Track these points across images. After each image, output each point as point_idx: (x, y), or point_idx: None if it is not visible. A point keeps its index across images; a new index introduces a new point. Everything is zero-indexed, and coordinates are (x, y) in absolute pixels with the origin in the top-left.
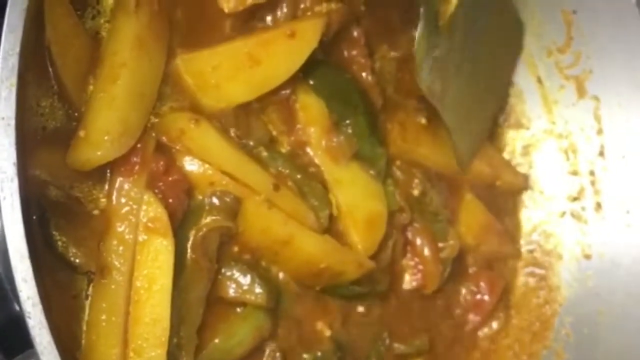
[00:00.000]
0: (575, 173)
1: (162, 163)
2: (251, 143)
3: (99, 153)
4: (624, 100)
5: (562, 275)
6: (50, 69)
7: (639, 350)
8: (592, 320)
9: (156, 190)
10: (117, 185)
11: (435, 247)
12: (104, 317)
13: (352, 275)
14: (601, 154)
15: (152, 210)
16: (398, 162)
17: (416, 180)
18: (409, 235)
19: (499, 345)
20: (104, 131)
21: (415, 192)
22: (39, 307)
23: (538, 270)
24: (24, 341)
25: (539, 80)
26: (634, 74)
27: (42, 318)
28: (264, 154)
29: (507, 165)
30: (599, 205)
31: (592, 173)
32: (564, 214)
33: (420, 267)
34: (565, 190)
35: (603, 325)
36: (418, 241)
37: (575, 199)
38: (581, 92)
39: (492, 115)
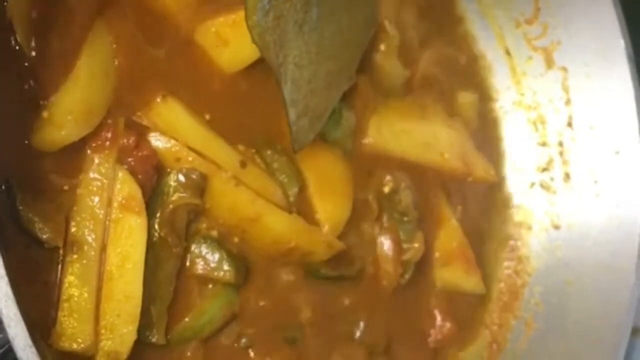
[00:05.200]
0: (544, 144)
1: (133, 139)
2: None
3: (63, 133)
4: (591, 71)
5: (532, 246)
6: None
7: (607, 319)
8: (561, 290)
9: (125, 166)
10: (87, 160)
11: (398, 247)
12: (76, 292)
13: (321, 256)
14: (569, 124)
15: (127, 187)
16: None
17: (388, 177)
18: (377, 230)
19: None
20: (67, 111)
21: (386, 190)
22: (5, 279)
23: (507, 242)
24: None
25: (507, 52)
26: (601, 45)
27: (7, 290)
28: None
29: (480, 160)
30: (567, 176)
31: (560, 144)
32: (533, 184)
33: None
34: (534, 161)
35: (572, 295)
36: (382, 238)
37: (544, 169)
38: (549, 63)
39: (335, 100)
